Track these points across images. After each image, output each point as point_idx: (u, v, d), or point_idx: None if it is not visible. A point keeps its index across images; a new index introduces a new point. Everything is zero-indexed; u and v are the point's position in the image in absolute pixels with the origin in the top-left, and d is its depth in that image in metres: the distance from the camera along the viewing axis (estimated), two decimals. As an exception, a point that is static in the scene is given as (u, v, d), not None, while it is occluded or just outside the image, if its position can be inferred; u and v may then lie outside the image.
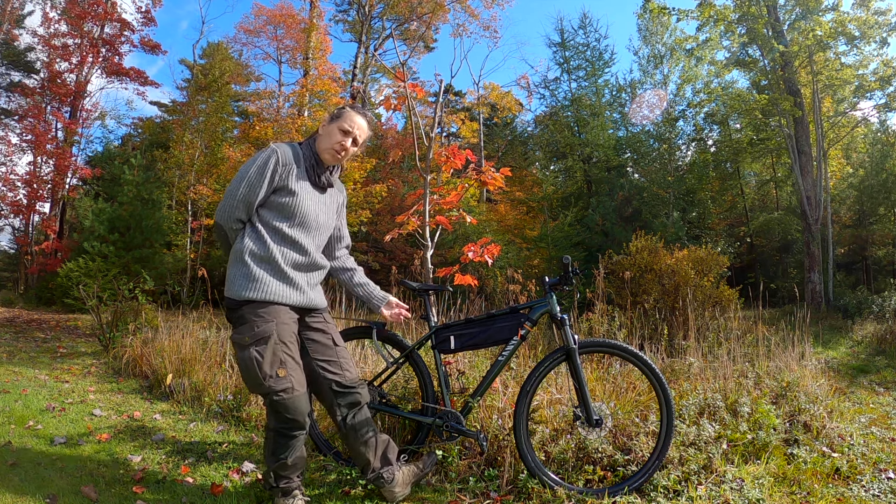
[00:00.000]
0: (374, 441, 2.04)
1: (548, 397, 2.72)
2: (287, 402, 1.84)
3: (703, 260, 5.77)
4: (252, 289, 1.88)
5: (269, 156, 1.94)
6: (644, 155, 16.67)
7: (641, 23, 17.36)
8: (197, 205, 14.85)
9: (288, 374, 1.85)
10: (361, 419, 2.04)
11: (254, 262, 1.91)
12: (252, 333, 1.84)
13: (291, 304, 1.95)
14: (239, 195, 1.93)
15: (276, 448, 1.92)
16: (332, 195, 2.13)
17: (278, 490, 1.99)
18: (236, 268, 1.93)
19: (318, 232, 2.05)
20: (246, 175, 1.93)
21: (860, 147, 16.88)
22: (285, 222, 1.96)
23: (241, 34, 17.86)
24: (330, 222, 2.12)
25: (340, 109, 2.07)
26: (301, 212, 1.97)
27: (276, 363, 1.84)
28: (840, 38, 11.62)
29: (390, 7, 18.28)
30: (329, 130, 2.05)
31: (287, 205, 1.95)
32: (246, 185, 1.93)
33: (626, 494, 2.15)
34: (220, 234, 2.05)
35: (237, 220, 1.97)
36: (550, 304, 2.27)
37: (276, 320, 1.87)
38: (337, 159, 2.06)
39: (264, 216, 1.97)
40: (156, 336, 4.69)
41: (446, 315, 3.66)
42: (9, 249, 21.28)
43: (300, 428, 1.90)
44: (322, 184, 2.05)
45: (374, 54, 19.29)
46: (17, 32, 15.92)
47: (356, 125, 2.04)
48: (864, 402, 4.02)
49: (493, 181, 3.50)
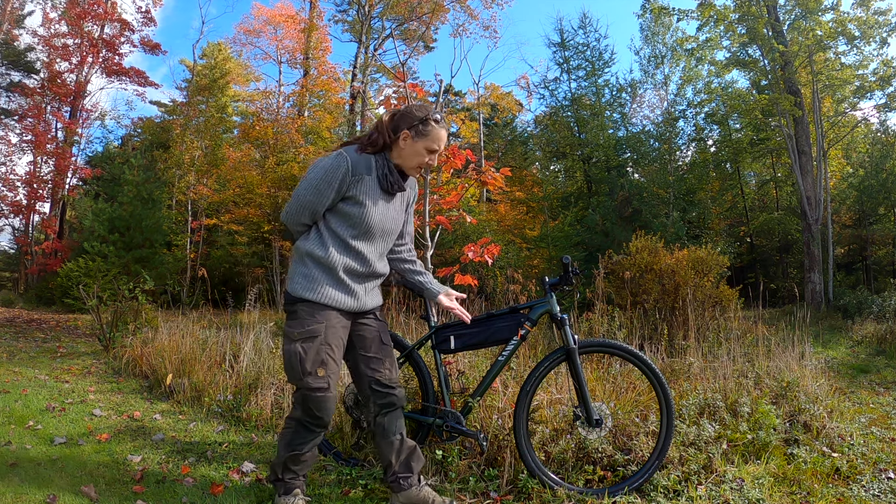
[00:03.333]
0: (400, 445, 2.04)
1: (548, 397, 2.72)
2: (319, 401, 1.88)
3: (703, 260, 5.77)
4: (309, 289, 1.91)
5: (338, 164, 1.88)
6: (644, 155, 16.66)
7: (643, 22, 17.37)
8: (197, 205, 14.86)
9: (326, 375, 1.89)
10: (393, 421, 2.04)
11: (313, 265, 1.93)
12: (301, 330, 1.89)
13: (345, 310, 1.96)
14: (305, 201, 1.92)
15: (293, 439, 1.96)
16: (401, 196, 2.07)
17: (281, 484, 1.99)
18: (297, 266, 1.96)
19: (382, 240, 2.02)
20: (314, 182, 1.90)
21: (860, 147, 16.88)
22: (350, 231, 1.93)
23: (241, 34, 17.87)
24: (396, 227, 2.07)
25: (425, 126, 1.94)
26: (366, 223, 1.93)
27: (318, 363, 1.88)
28: (840, 38, 11.62)
29: (390, 7, 18.27)
30: (415, 149, 1.96)
31: (354, 214, 1.92)
32: (314, 192, 1.90)
33: (626, 494, 2.15)
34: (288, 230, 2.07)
35: (302, 223, 1.98)
36: (550, 304, 2.27)
37: (326, 322, 1.90)
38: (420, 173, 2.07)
39: (330, 221, 1.95)
40: (156, 336, 4.69)
41: (446, 315, 3.66)
42: (9, 249, 21.29)
43: (323, 426, 1.95)
44: (395, 191, 2.00)
45: (374, 54, 19.30)
46: (17, 32, 15.93)
47: (442, 141, 1.97)
48: (864, 402, 4.02)
49: (493, 181, 3.50)
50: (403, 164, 1.98)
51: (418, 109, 1.97)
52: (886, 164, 14.50)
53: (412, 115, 1.95)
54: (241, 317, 6.31)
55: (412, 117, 1.95)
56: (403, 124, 1.95)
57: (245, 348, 3.76)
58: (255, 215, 12.99)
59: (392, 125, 1.97)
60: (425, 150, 1.96)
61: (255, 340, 3.90)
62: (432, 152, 1.97)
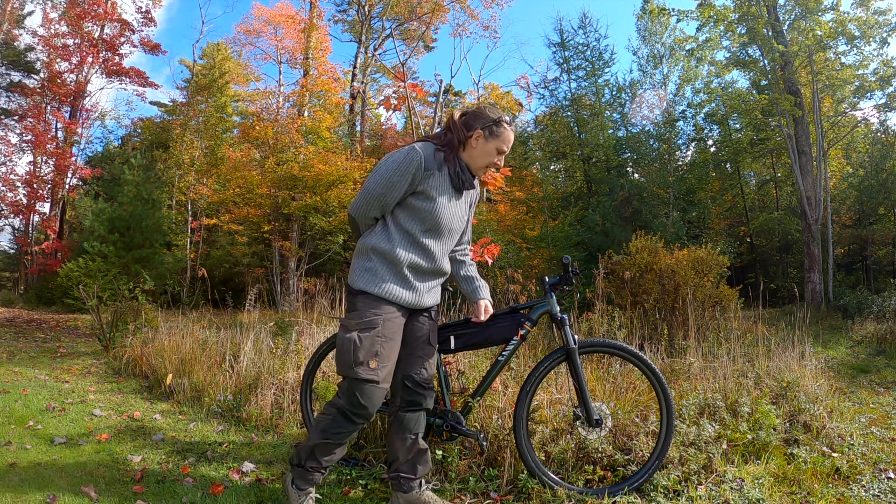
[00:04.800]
0: (413, 445, 2.02)
1: (548, 397, 2.72)
2: (367, 391, 1.87)
3: (703, 260, 5.77)
4: (370, 282, 1.92)
5: (411, 158, 1.89)
6: (644, 155, 16.65)
7: (640, 23, 17.36)
8: (197, 205, 14.86)
9: (378, 367, 1.88)
10: (412, 419, 2.03)
11: (377, 258, 1.94)
12: (359, 321, 1.89)
13: (404, 305, 1.96)
14: (376, 194, 1.92)
15: (330, 426, 1.94)
16: (467, 195, 2.09)
17: (301, 470, 1.98)
18: (360, 259, 1.97)
19: (449, 237, 2.03)
20: (386, 175, 1.90)
21: (860, 147, 16.87)
22: (418, 226, 1.94)
23: (241, 34, 17.85)
24: (462, 225, 2.09)
25: (498, 127, 1.98)
26: (435, 218, 1.94)
27: (372, 354, 1.87)
28: (840, 38, 11.61)
29: (390, 7, 18.28)
30: (486, 149, 1.99)
31: (423, 209, 1.92)
32: (385, 185, 1.90)
33: (626, 494, 2.15)
34: (353, 225, 2.06)
35: (371, 217, 1.98)
36: (550, 304, 2.27)
37: (384, 315, 1.91)
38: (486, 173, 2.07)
39: (398, 216, 1.95)
40: (156, 336, 4.69)
41: (446, 315, 3.66)
42: (9, 249, 21.29)
43: (366, 417, 1.93)
44: (464, 188, 2.01)
45: (374, 54, 19.30)
46: (17, 32, 15.92)
47: (510, 143, 2.01)
48: (864, 402, 4.02)
49: (493, 181, 3.51)
50: (473, 163, 2.01)
51: (491, 111, 2.01)
52: (886, 164, 14.50)
53: (486, 115, 2.00)
54: (241, 317, 6.32)
55: (486, 118, 1.99)
56: (477, 124, 1.99)
57: (245, 348, 3.76)
58: (255, 215, 12.99)
59: (463, 123, 2.01)
60: (496, 150, 1.99)
61: (255, 340, 3.90)
62: (501, 153, 2.01)
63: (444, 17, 17.75)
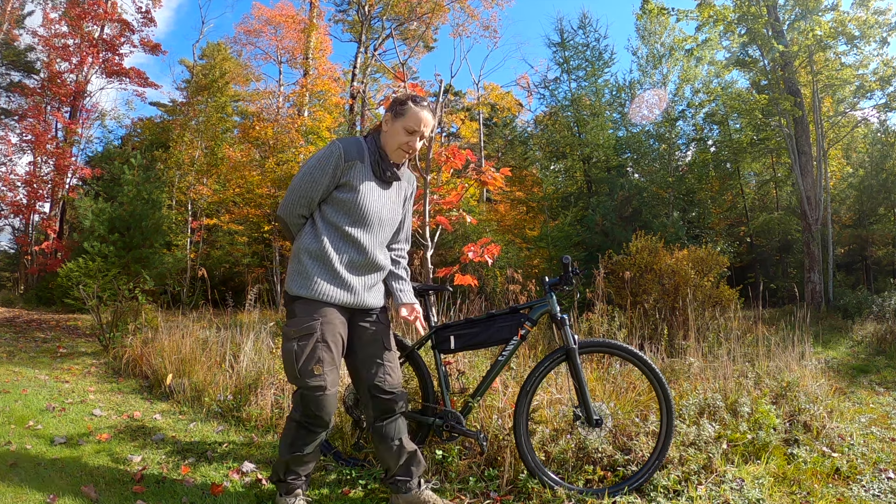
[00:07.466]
0: (399, 450, 2.02)
1: (548, 397, 2.72)
2: (317, 399, 1.86)
3: (703, 260, 5.77)
4: (303, 286, 1.90)
5: (331, 151, 1.91)
6: (644, 155, 16.65)
7: (640, 23, 17.35)
8: (197, 205, 14.85)
9: (323, 373, 1.86)
10: (392, 427, 2.02)
11: (308, 260, 1.92)
12: (298, 328, 1.87)
13: (341, 305, 1.94)
14: (300, 191, 1.92)
15: (294, 440, 1.93)
16: (398, 188, 2.07)
17: (283, 484, 1.98)
18: (293, 264, 1.96)
19: (380, 229, 2.01)
20: (308, 171, 1.91)
21: (860, 147, 16.88)
22: (345, 219, 1.93)
23: (241, 34, 17.88)
24: (395, 217, 2.07)
25: (403, 106, 1.96)
26: (362, 209, 1.93)
27: (314, 360, 1.85)
28: (840, 37, 11.60)
29: (390, 7, 18.27)
30: (394, 130, 1.97)
31: (347, 201, 1.92)
32: (308, 180, 1.91)
33: (626, 494, 2.15)
34: (284, 227, 2.05)
35: (299, 215, 1.97)
36: (550, 304, 2.27)
37: (321, 319, 1.89)
38: (406, 157, 2.03)
39: (326, 212, 1.95)
40: (156, 336, 4.69)
41: (446, 315, 3.66)
42: (9, 249, 21.26)
43: (323, 426, 1.92)
44: (388, 178, 2.01)
45: (374, 54, 19.28)
46: (17, 32, 15.91)
47: (421, 122, 1.95)
48: (864, 402, 4.01)
49: (493, 181, 3.51)
50: (386, 147, 2.00)
51: (405, 95, 2.01)
52: (886, 164, 14.51)
53: (398, 98, 2.02)
54: (241, 317, 6.31)
55: (394, 101, 2.01)
56: (387, 109, 2.02)
57: (245, 348, 3.76)
58: (255, 215, 12.99)
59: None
60: (403, 129, 1.96)
61: (255, 340, 3.90)
62: (411, 133, 1.96)
63: (444, 17, 17.75)
